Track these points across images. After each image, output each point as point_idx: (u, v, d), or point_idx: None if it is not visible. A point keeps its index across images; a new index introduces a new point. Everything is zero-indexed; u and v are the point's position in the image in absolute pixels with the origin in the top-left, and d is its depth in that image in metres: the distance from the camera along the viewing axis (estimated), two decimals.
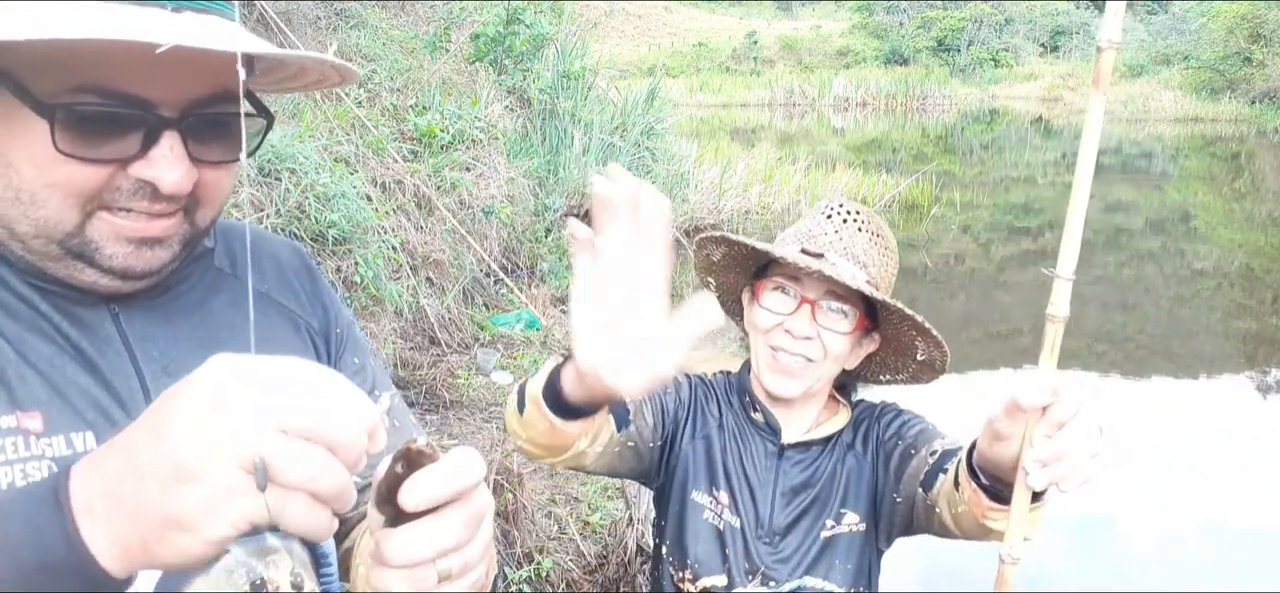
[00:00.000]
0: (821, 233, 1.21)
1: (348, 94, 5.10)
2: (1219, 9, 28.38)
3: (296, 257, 0.91)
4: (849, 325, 1.20)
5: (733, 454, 1.25)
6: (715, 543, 1.22)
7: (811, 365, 1.19)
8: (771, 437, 1.26)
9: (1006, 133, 24.68)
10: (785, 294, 1.20)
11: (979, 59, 38.42)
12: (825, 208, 1.25)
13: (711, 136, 15.33)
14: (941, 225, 10.69)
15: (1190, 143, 21.28)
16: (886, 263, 1.23)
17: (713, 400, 1.29)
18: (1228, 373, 6.33)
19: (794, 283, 1.19)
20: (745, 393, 1.29)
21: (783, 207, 10.60)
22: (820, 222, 1.23)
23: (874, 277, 1.20)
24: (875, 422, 1.31)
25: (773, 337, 1.20)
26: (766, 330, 1.21)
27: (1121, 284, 8.90)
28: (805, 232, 1.23)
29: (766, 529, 1.23)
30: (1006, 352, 6.55)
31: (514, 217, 5.79)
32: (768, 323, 1.21)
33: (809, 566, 1.23)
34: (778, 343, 1.19)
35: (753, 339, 1.25)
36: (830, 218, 1.22)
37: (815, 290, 1.19)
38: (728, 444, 1.26)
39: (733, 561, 1.21)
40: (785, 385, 1.20)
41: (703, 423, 1.26)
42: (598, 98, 7.71)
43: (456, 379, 4.36)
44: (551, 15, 7.38)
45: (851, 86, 35.48)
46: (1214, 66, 27.66)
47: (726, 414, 1.28)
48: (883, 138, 23.15)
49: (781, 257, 1.17)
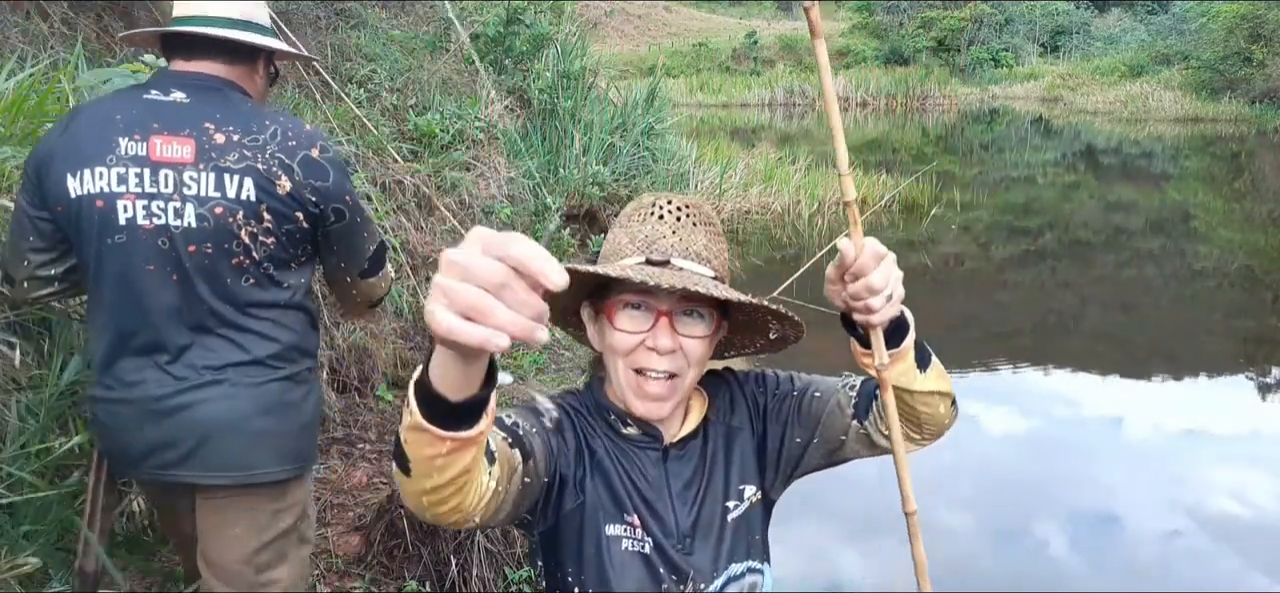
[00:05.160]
0: (660, 237, 1.15)
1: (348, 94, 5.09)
2: (1219, 9, 28.37)
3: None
4: (707, 328, 1.16)
5: (625, 475, 1.19)
6: (643, 570, 1.16)
7: (677, 380, 1.14)
8: (652, 445, 1.21)
9: (1006, 133, 24.68)
10: (639, 310, 1.13)
11: (979, 59, 38.38)
12: (654, 207, 1.18)
13: (711, 136, 15.33)
14: (941, 225, 10.68)
15: (1190, 143, 21.27)
16: (723, 252, 1.20)
17: (590, 429, 1.21)
18: (1228, 373, 6.33)
19: (645, 296, 1.13)
20: (609, 412, 1.21)
21: (783, 207, 10.60)
22: (654, 224, 1.16)
23: (718, 270, 1.16)
24: (740, 388, 1.30)
25: (635, 358, 1.14)
26: (627, 353, 1.14)
27: (1121, 284, 8.90)
28: (642, 238, 1.16)
29: (676, 536, 1.18)
30: (1006, 351, 6.55)
31: (514, 216, 5.79)
32: (627, 344, 1.13)
33: (728, 554, 1.21)
34: (642, 364, 1.13)
35: (611, 361, 1.17)
36: (663, 219, 1.16)
37: (667, 301, 1.13)
38: (617, 467, 1.19)
39: (665, 579, 1.16)
40: (658, 408, 1.15)
41: (593, 455, 1.18)
42: (598, 98, 7.70)
43: None
44: (551, 15, 7.37)
45: (851, 86, 35.46)
46: (1214, 66, 27.64)
47: (603, 438, 1.20)
48: (883, 138, 23.15)
49: (631, 278, 1.08)
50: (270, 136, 1.64)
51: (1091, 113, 29.07)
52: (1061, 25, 41.02)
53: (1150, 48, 34.84)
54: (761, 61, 40.70)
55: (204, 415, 1.64)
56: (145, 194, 1.59)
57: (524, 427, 1.07)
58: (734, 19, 51.28)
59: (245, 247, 1.63)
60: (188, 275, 1.62)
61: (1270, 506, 4.31)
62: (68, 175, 1.58)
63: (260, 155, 1.62)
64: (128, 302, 1.62)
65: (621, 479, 1.18)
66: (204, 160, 1.60)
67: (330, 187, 1.69)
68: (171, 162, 1.59)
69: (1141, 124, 25.43)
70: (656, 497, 1.19)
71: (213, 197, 1.60)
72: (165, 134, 1.59)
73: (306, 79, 5.92)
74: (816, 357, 1.92)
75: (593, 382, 1.26)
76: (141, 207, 1.59)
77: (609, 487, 1.17)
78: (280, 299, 1.71)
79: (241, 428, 1.67)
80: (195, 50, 1.69)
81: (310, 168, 1.66)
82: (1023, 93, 35.03)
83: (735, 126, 23.63)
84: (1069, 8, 41.66)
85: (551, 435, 1.13)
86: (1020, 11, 40.76)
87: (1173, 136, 22.57)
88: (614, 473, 1.18)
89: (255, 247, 1.64)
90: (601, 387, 1.23)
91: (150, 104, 1.62)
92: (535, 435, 1.08)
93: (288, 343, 1.72)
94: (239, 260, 1.64)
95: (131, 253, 1.60)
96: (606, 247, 1.21)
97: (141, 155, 1.59)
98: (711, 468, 1.24)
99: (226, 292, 1.64)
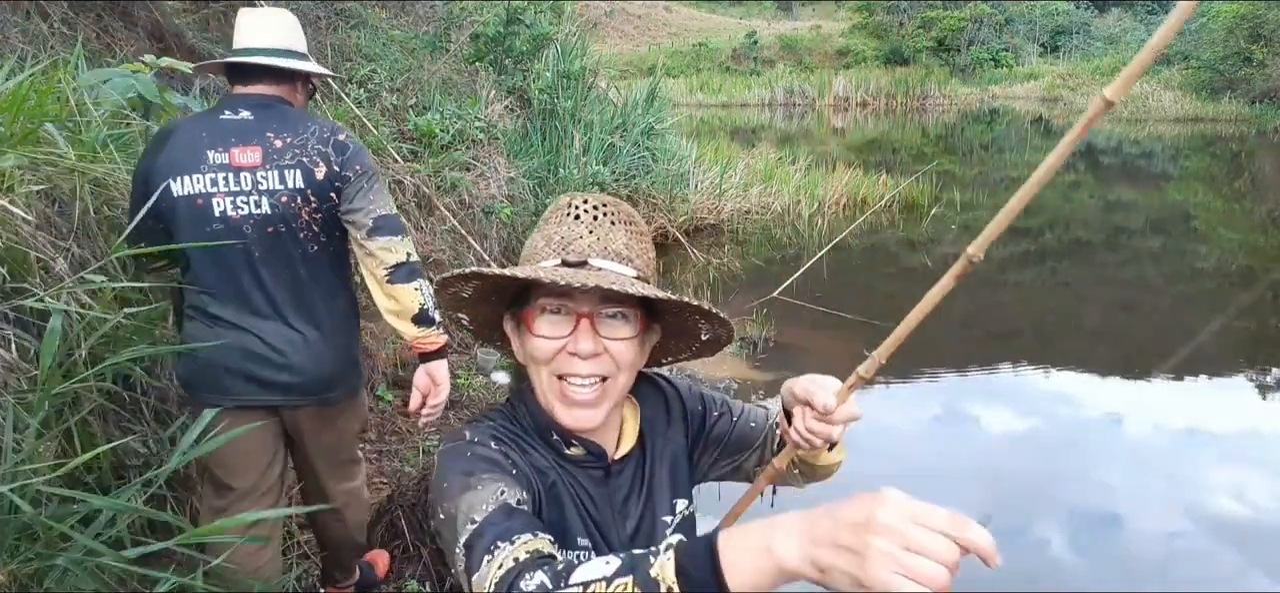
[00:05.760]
0: (576, 238, 1.10)
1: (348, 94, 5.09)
2: (1219, 9, 28.37)
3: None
4: (632, 329, 1.11)
5: (574, 497, 1.14)
6: None
7: (607, 385, 1.10)
8: (596, 463, 1.17)
9: (1006, 133, 24.68)
10: (557, 314, 1.09)
11: (979, 59, 38.38)
12: (570, 208, 1.13)
13: (711, 136, 15.33)
14: (941, 225, 10.68)
15: (1190, 143, 21.28)
16: (647, 251, 1.15)
17: (531, 449, 1.14)
18: (1228, 373, 6.33)
19: (563, 299, 1.09)
20: (550, 431, 1.14)
21: (783, 207, 10.60)
22: (570, 225, 1.11)
23: (641, 270, 1.12)
24: (681, 403, 1.30)
25: (557, 364, 1.09)
26: (548, 359, 1.09)
27: (1121, 284, 8.90)
28: (558, 240, 1.11)
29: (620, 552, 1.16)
30: (1006, 352, 6.55)
31: (514, 216, 5.79)
32: (547, 351, 1.09)
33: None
34: (565, 369, 1.09)
35: (534, 372, 1.12)
36: (579, 218, 1.12)
37: (587, 303, 1.08)
38: (567, 490, 1.14)
39: None
40: (586, 417, 1.10)
41: (544, 478, 1.12)
42: (598, 98, 7.70)
43: (456, 379, 4.36)
44: (551, 15, 7.38)
45: (851, 86, 35.47)
46: (1214, 66, 27.64)
47: (546, 458, 1.14)
48: (883, 138, 23.15)
49: (543, 279, 1.05)
50: (311, 135, 2.18)
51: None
52: (1061, 25, 41.02)
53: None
54: (761, 61, 40.71)
55: (292, 355, 2.20)
56: (231, 193, 2.13)
57: (526, 520, 0.99)
58: (734, 19, 51.29)
59: (305, 223, 2.18)
60: (270, 250, 2.17)
61: (1270, 506, 4.31)
62: (171, 182, 2.11)
63: (304, 151, 2.16)
64: (224, 272, 2.16)
65: (572, 502, 1.14)
66: (269, 163, 2.13)
67: (348, 156, 2.20)
68: (247, 166, 2.13)
69: (1141, 124, 25.44)
70: (601, 516, 1.16)
71: (278, 189, 2.14)
72: (241, 145, 2.13)
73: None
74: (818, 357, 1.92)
75: (516, 396, 1.19)
76: (230, 202, 2.13)
77: (561, 513, 1.13)
78: (332, 260, 2.27)
79: (322, 360, 2.24)
80: (251, 76, 2.22)
81: (337, 147, 2.20)
82: (1023, 93, 35.02)
83: (735, 126, 23.63)
84: (1069, 8, 41.66)
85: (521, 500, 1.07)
86: (1020, 11, 40.76)
87: (1173, 136, 22.57)
88: (564, 497, 1.13)
89: (311, 221, 2.19)
90: (532, 399, 1.16)
91: (225, 123, 2.15)
92: (526, 511, 1.02)
93: (348, 300, 2.33)
94: (303, 233, 2.19)
95: (226, 237, 2.13)
96: (525, 251, 1.16)
97: (225, 163, 2.12)
98: (650, 483, 1.22)
99: (294, 259, 2.20)
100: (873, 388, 5.85)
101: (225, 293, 2.17)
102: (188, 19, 6.14)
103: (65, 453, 1.98)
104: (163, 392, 2.52)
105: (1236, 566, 3.79)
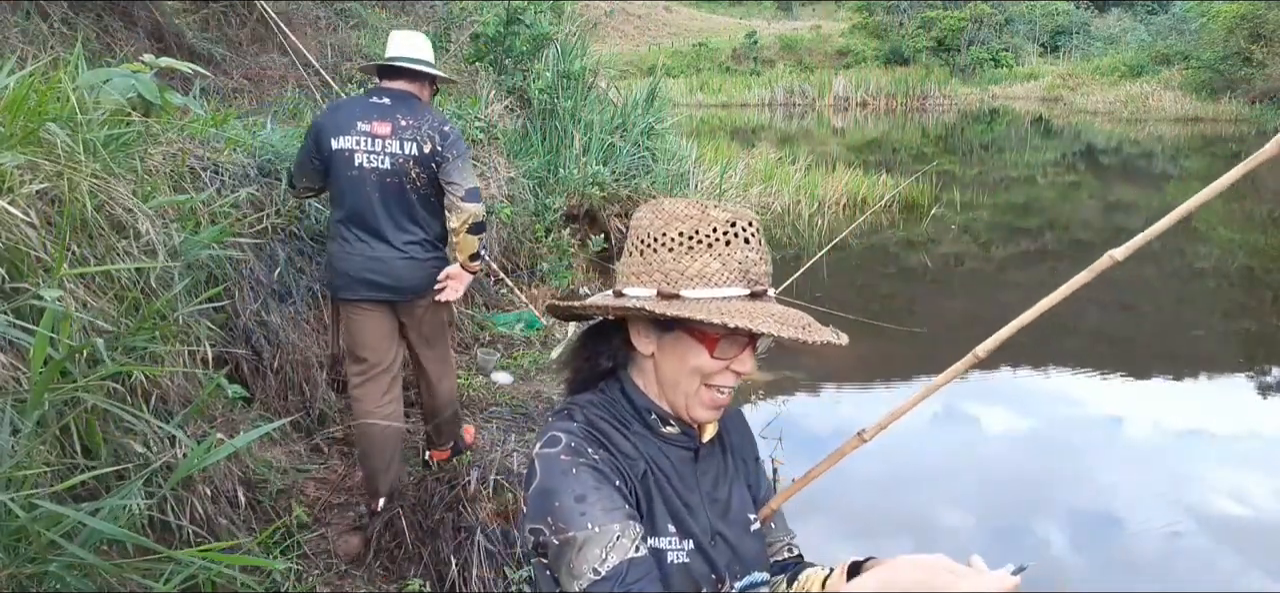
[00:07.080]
0: (753, 265, 1.11)
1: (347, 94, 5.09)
2: (1219, 9, 28.36)
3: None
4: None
5: (663, 480, 1.18)
6: (685, 577, 1.14)
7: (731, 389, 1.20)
8: (687, 443, 1.21)
9: (1006, 133, 24.68)
10: (735, 336, 1.12)
11: (979, 59, 38.37)
12: (739, 229, 1.11)
13: (711, 136, 15.34)
14: (941, 225, 10.68)
15: (1190, 143, 21.28)
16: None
17: (621, 446, 1.17)
18: (1228, 373, 6.33)
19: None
20: (650, 411, 1.19)
21: (783, 207, 10.60)
22: (744, 250, 1.11)
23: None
24: (749, 431, 1.38)
25: (716, 377, 1.14)
26: (714, 373, 1.14)
27: (1121, 284, 8.90)
28: (737, 266, 1.10)
29: (709, 534, 1.18)
30: (1007, 351, 6.55)
31: (514, 216, 5.79)
32: (716, 367, 1.14)
33: (755, 559, 1.23)
34: (722, 382, 1.15)
35: (683, 376, 1.15)
36: (749, 242, 1.11)
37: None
38: (654, 473, 1.17)
39: (704, 579, 1.16)
40: (715, 415, 1.19)
41: (635, 467, 1.16)
42: (598, 98, 7.69)
43: (457, 379, 4.36)
44: (551, 15, 7.37)
45: (851, 86, 35.47)
46: (1214, 66, 27.62)
47: (637, 443, 1.18)
48: (883, 138, 23.16)
49: (809, 341, 1.08)
50: (427, 121, 3.07)
51: (1091, 113, 29.08)
52: (1061, 25, 41.02)
53: (1150, 48, 34.81)
54: (761, 61, 40.70)
55: (396, 267, 3.08)
56: (368, 151, 3.02)
57: (644, 567, 1.05)
58: (734, 19, 51.30)
59: (412, 179, 3.04)
60: (387, 193, 3.04)
61: (1270, 506, 4.31)
62: (331, 138, 3.03)
63: (419, 131, 3.04)
64: (357, 205, 3.05)
65: (659, 492, 1.17)
66: (395, 136, 3.03)
67: (449, 142, 3.07)
68: (380, 134, 3.02)
69: (1141, 124, 25.43)
70: (690, 495, 1.20)
71: (398, 153, 3.02)
72: (378, 120, 3.03)
73: (306, 79, 5.92)
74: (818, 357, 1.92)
75: (610, 385, 1.23)
76: (366, 157, 3.02)
77: (650, 503, 1.16)
78: (428, 205, 3.12)
79: (415, 272, 3.11)
80: (393, 75, 3.14)
81: (442, 134, 3.07)
82: (1023, 93, 35.02)
83: (735, 126, 23.64)
84: (1069, 8, 41.66)
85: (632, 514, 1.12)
86: (1020, 11, 40.76)
87: (1173, 136, 22.57)
88: (653, 482, 1.17)
89: (419, 179, 3.05)
90: (633, 387, 1.21)
91: (372, 104, 3.07)
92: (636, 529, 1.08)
93: (436, 233, 3.17)
94: (412, 185, 3.05)
95: (361, 182, 3.03)
96: (689, 267, 1.11)
97: (367, 130, 3.03)
98: (733, 476, 1.28)
99: (405, 202, 3.07)
100: (874, 389, 5.86)
101: (355, 220, 3.05)
102: (188, 19, 6.15)
103: (65, 453, 1.98)
104: (163, 391, 2.52)
105: (1236, 565, 3.79)
